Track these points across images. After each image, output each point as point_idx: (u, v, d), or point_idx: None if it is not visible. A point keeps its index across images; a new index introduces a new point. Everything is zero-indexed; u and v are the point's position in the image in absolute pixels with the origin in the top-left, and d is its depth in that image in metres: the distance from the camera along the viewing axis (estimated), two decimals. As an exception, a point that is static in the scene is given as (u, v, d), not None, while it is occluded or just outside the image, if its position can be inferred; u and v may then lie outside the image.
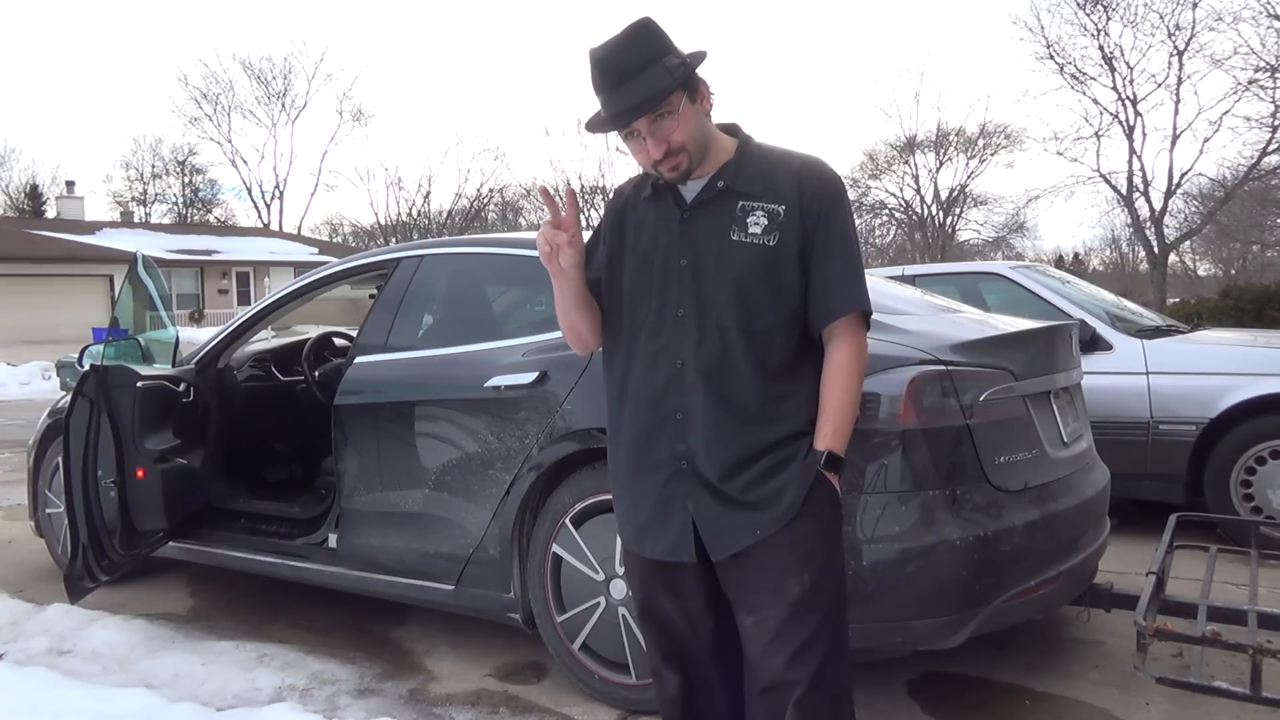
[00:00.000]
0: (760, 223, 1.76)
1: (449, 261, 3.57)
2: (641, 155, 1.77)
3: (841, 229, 1.79)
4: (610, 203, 1.95)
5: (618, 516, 1.95)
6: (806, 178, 1.79)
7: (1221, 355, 4.57)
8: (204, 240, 36.82)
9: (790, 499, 1.75)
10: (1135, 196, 23.57)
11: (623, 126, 1.73)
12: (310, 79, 56.64)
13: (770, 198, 1.77)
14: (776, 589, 1.76)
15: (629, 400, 1.86)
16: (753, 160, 1.82)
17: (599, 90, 1.73)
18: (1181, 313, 11.97)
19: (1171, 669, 2.81)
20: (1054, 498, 2.72)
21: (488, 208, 42.03)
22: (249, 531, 3.77)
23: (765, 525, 1.76)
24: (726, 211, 1.79)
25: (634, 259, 1.85)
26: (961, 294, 5.25)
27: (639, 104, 1.69)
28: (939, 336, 2.62)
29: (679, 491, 1.81)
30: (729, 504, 1.78)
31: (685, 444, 1.80)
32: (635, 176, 1.96)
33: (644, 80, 1.69)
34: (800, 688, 1.75)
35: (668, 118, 1.72)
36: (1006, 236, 35.99)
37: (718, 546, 1.79)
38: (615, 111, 1.71)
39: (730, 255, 1.76)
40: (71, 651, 3.35)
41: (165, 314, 4.11)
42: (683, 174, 1.78)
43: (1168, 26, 21.56)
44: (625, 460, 1.89)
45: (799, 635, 1.75)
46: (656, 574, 1.89)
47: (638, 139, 1.75)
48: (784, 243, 1.76)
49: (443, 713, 2.86)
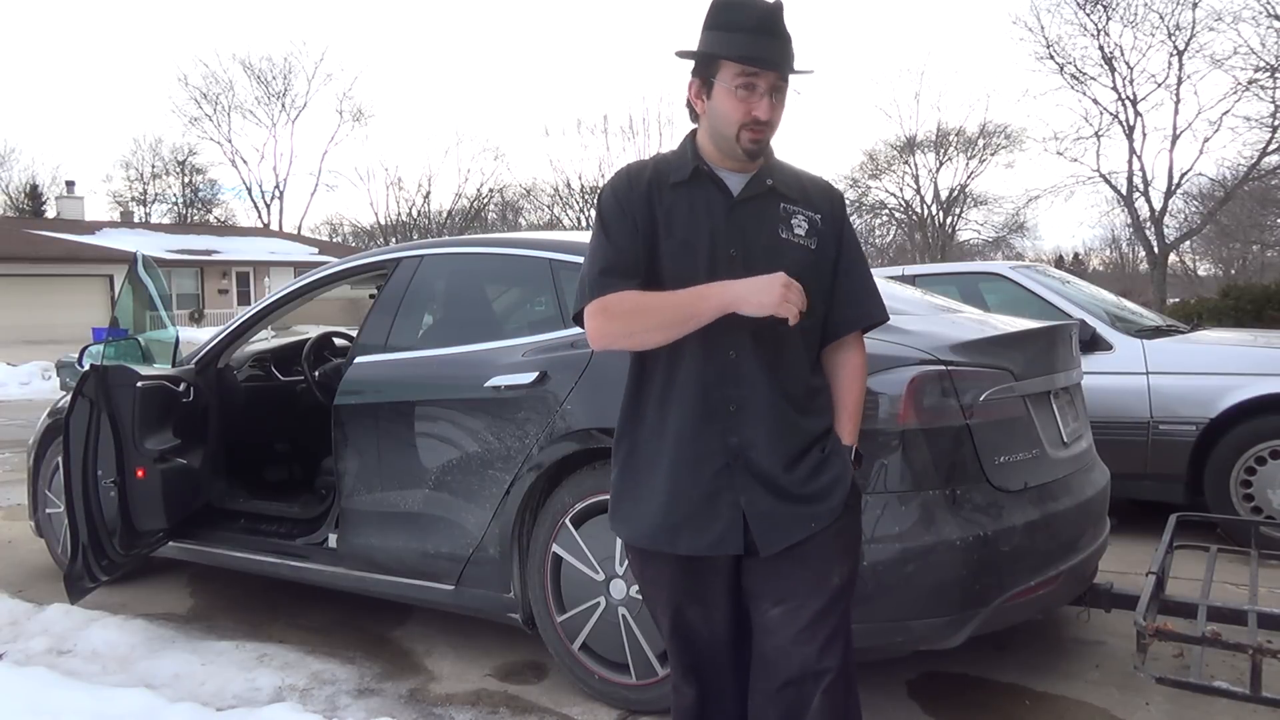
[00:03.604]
0: (803, 226, 1.83)
1: (449, 261, 3.57)
2: (743, 109, 1.75)
3: (856, 244, 1.92)
4: (623, 186, 1.83)
5: (635, 516, 1.84)
6: (827, 193, 1.90)
7: (1221, 355, 4.57)
8: (204, 240, 36.82)
9: (841, 491, 1.81)
10: (1135, 196, 23.58)
11: (765, 67, 1.74)
12: (310, 79, 56.67)
13: (806, 204, 1.85)
14: (819, 579, 1.79)
15: (675, 392, 1.80)
16: (781, 169, 1.88)
17: (743, 30, 1.73)
18: (1181, 313, 11.97)
19: (1171, 669, 2.81)
20: (1054, 498, 2.72)
21: (488, 208, 42.05)
22: (249, 531, 3.77)
23: (820, 518, 1.78)
24: (772, 210, 1.82)
25: (673, 243, 1.79)
26: (961, 294, 5.25)
27: (786, 62, 1.75)
28: (939, 336, 2.62)
29: (729, 486, 1.78)
30: (784, 497, 1.78)
31: (739, 436, 1.78)
32: (642, 161, 1.90)
33: (790, 47, 1.77)
34: (830, 675, 1.77)
35: (783, 93, 1.78)
36: (1006, 236, 36.00)
37: (771, 540, 1.77)
38: (764, 55, 1.73)
39: (782, 252, 1.79)
40: (71, 651, 3.35)
41: (165, 314, 4.11)
42: (758, 151, 1.80)
43: (1168, 26, 21.58)
44: (665, 454, 1.80)
45: (831, 624, 1.79)
46: (681, 578, 1.84)
47: (751, 92, 1.74)
48: (822, 249, 1.84)
49: (443, 713, 2.86)
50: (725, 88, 1.75)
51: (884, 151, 36.95)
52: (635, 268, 1.78)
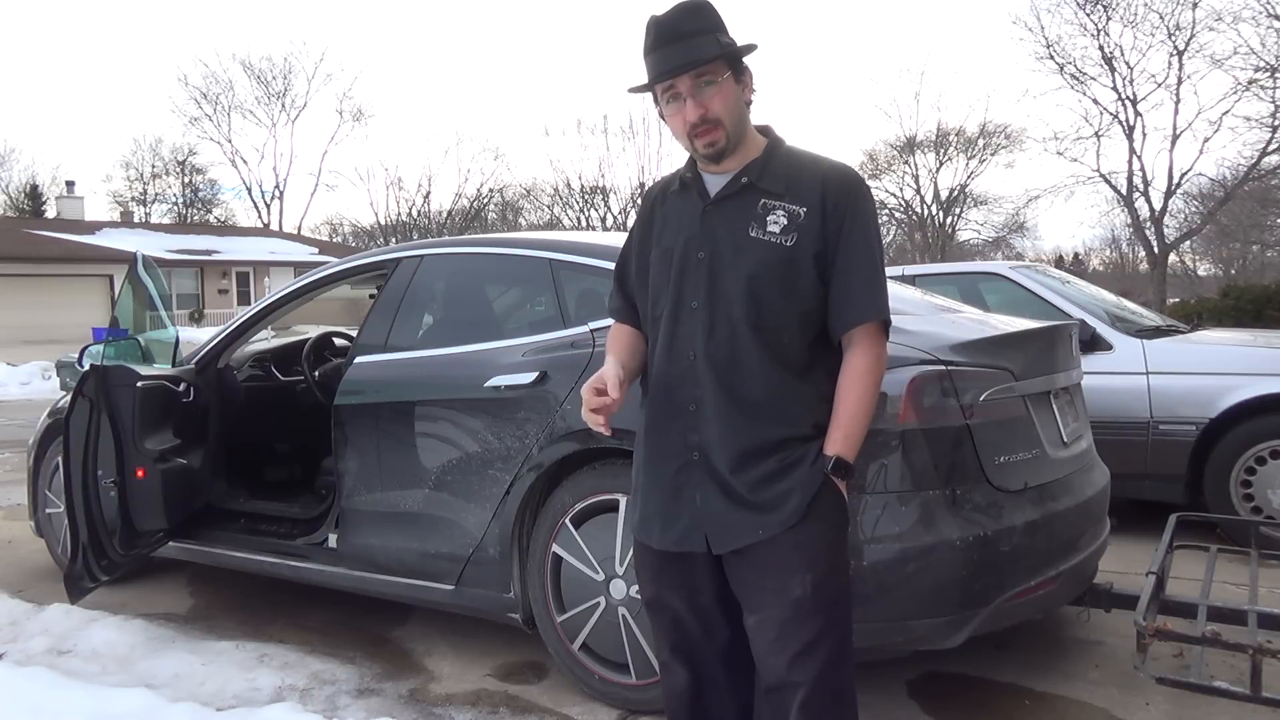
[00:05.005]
0: (779, 222, 1.78)
1: (449, 261, 3.57)
2: (679, 120, 1.80)
3: (864, 237, 1.80)
4: (641, 206, 2.01)
5: (631, 506, 1.98)
6: (831, 182, 1.80)
7: (1221, 355, 4.57)
8: (204, 240, 36.81)
9: (795, 504, 1.75)
10: (1135, 196, 23.57)
11: (666, 79, 1.77)
12: (310, 79, 56.73)
13: (792, 199, 1.79)
14: (779, 589, 1.77)
15: (650, 389, 1.91)
16: (780, 160, 1.84)
17: (651, 51, 1.78)
18: (1181, 313, 11.98)
19: (1171, 669, 2.81)
20: (1054, 498, 2.72)
21: (488, 208, 42.03)
22: (249, 531, 3.77)
23: (768, 527, 1.76)
24: (748, 208, 1.80)
25: (657, 252, 1.89)
26: (961, 294, 5.24)
27: (686, 62, 1.74)
28: (939, 336, 2.62)
29: (689, 482, 1.82)
30: (735, 501, 1.78)
31: (698, 435, 1.81)
32: (665, 176, 2.00)
33: (695, 43, 1.76)
34: (803, 689, 1.76)
35: (710, 85, 1.77)
36: (1006, 236, 36.02)
37: (720, 541, 1.81)
38: (663, 68, 1.76)
39: (747, 251, 1.78)
40: (71, 651, 3.35)
41: (165, 314, 4.10)
42: (717, 152, 1.80)
43: (1168, 26, 21.57)
44: (643, 449, 1.92)
45: (801, 636, 1.75)
46: (667, 568, 1.89)
47: (679, 102, 1.78)
48: (801, 244, 1.77)
49: (443, 713, 2.86)
50: (662, 107, 1.83)
51: (884, 151, 37.01)
52: (624, 272, 2.01)
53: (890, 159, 36.87)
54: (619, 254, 2.06)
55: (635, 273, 1.97)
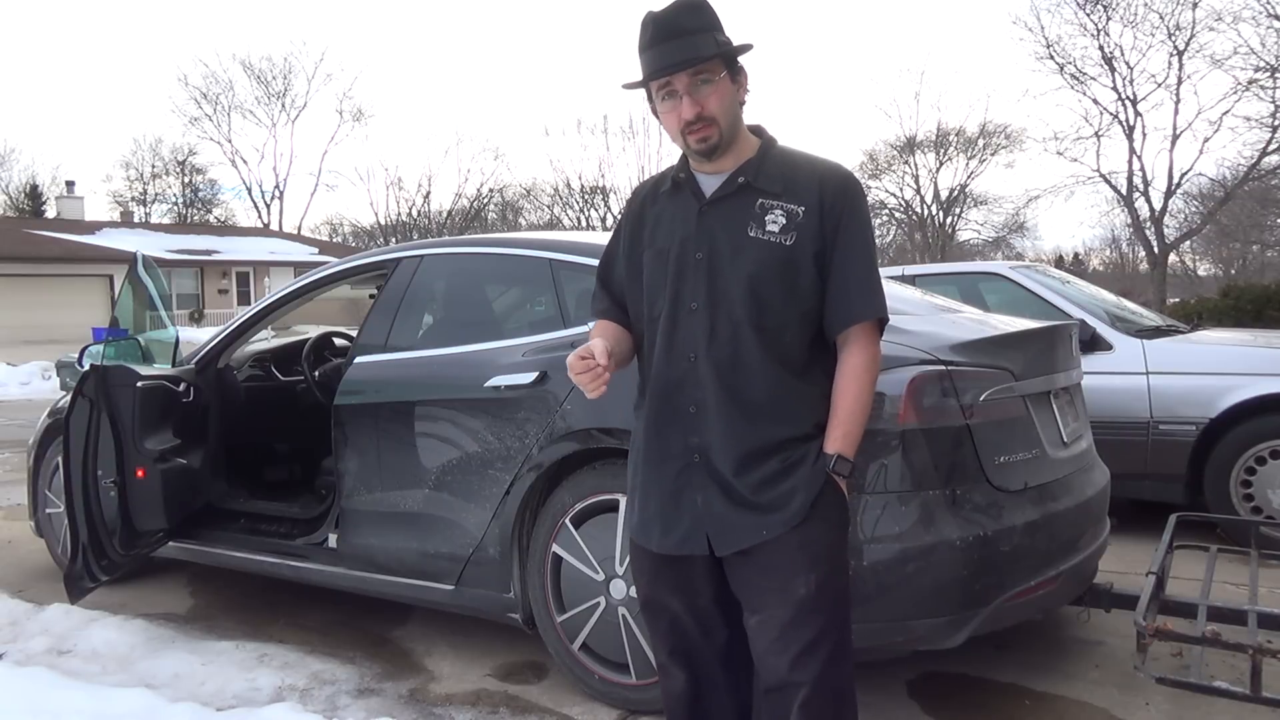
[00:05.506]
0: (779, 221, 1.78)
1: (449, 261, 3.57)
2: (674, 117, 1.79)
3: (861, 235, 1.81)
4: (628, 205, 1.99)
5: (630, 508, 1.95)
6: (828, 182, 1.80)
7: (1221, 355, 4.57)
8: (204, 240, 36.81)
9: (799, 503, 1.76)
10: (1135, 196, 23.57)
11: (663, 75, 1.76)
12: (310, 79, 56.76)
13: (790, 198, 1.79)
14: (782, 589, 1.76)
15: (649, 391, 1.88)
16: (775, 160, 1.84)
17: (647, 47, 1.77)
18: (1181, 313, 11.97)
19: (1171, 669, 2.81)
20: (1054, 498, 2.72)
21: (488, 208, 42.06)
22: (249, 531, 3.77)
23: (772, 527, 1.76)
24: (745, 208, 1.80)
25: (651, 252, 1.87)
26: (961, 294, 5.24)
27: (684, 59, 1.74)
28: (939, 336, 2.62)
29: (690, 485, 1.82)
30: (738, 502, 1.78)
31: (699, 437, 1.81)
32: (654, 175, 1.99)
33: (693, 41, 1.75)
34: (804, 689, 1.76)
35: (706, 84, 1.76)
36: (1006, 236, 36.04)
37: (723, 542, 1.80)
38: (661, 64, 1.75)
39: (746, 251, 1.77)
40: (71, 651, 3.35)
41: (165, 314, 4.11)
42: (709, 148, 1.79)
43: (1168, 26, 21.57)
44: (642, 450, 1.90)
45: (803, 636, 1.76)
46: (664, 571, 1.89)
47: (674, 99, 1.78)
48: (800, 244, 1.77)
49: (443, 713, 2.86)
50: (656, 104, 1.82)
51: (884, 151, 37.04)
52: (609, 272, 1.99)
53: (890, 159, 36.94)
54: (602, 254, 2.03)
55: (625, 274, 1.94)
